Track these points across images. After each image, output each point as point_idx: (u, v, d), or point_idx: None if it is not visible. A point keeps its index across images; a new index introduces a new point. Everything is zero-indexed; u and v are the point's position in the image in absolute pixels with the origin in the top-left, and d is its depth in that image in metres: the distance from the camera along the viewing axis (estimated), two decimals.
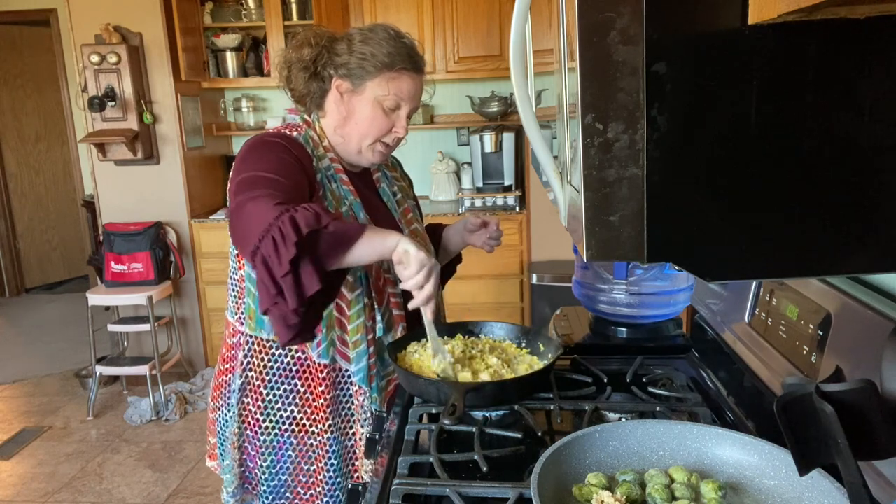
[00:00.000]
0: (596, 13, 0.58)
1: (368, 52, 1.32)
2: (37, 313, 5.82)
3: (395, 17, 3.99)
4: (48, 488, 3.14)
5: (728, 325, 1.34)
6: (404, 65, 1.34)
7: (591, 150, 0.60)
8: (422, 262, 1.15)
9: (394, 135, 1.39)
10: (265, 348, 1.41)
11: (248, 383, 1.42)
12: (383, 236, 1.18)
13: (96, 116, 3.87)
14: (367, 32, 1.35)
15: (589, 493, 0.86)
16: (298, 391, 1.40)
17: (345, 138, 1.38)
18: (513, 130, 4.05)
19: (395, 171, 1.59)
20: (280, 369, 1.40)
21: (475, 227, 1.60)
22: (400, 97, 1.35)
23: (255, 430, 1.43)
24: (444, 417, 1.12)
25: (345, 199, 1.37)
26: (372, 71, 1.33)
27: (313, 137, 1.39)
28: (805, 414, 0.64)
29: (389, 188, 1.51)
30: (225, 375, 1.48)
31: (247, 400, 1.43)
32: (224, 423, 1.47)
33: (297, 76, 1.38)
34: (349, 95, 1.36)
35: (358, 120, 1.36)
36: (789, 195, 0.59)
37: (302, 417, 1.40)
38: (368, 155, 1.39)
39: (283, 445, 1.42)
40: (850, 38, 0.55)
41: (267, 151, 1.30)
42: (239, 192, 1.21)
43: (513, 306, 3.94)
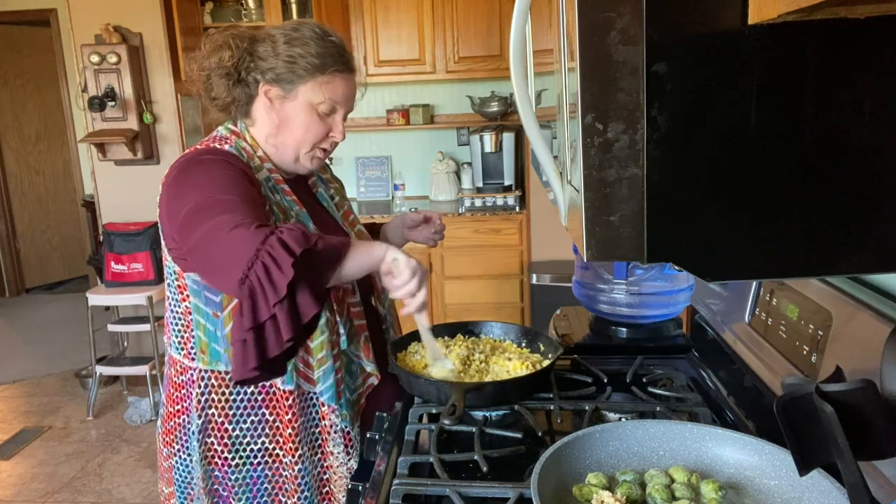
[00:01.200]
0: (596, 13, 0.58)
1: (296, 53, 1.23)
2: (37, 313, 5.82)
3: (395, 17, 3.99)
4: (48, 488, 3.14)
5: (728, 325, 1.34)
6: (336, 66, 1.26)
7: (591, 150, 0.60)
8: (413, 269, 1.11)
9: (331, 139, 1.31)
10: (224, 382, 1.29)
11: (209, 422, 1.30)
12: (369, 248, 1.13)
13: (96, 116, 3.87)
14: (292, 32, 1.26)
15: (589, 493, 0.86)
16: (267, 420, 1.30)
17: (279, 147, 1.29)
18: (513, 130, 4.05)
19: (325, 173, 1.50)
20: (244, 401, 1.29)
21: (415, 223, 1.56)
22: (335, 101, 1.27)
23: (225, 470, 1.31)
24: (444, 417, 1.12)
25: (290, 210, 1.27)
26: (303, 75, 1.24)
27: (246, 148, 1.28)
28: (805, 414, 0.64)
29: (326, 192, 1.44)
30: (177, 417, 1.34)
31: (210, 440, 1.30)
32: (185, 470, 1.34)
33: (218, 84, 1.27)
34: (280, 102, 1.26)
35: (292, 127, 1.27)
36: (789, 195, 0.59)
37: (274, 448, 1.31)
38: (306, 162, 1.31)
39: (256, 480, 1.32)
40: (850, 38, 0.55)
41: (208, 171, 1.18)
42: (196, 224, 1.10)
43: (513, 306, 3.94)
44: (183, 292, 1.29)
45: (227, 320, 1.25)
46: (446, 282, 3.92)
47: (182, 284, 1.28)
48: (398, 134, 4.43)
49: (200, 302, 1.27)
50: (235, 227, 1.05)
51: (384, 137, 4.46)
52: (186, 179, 1.19)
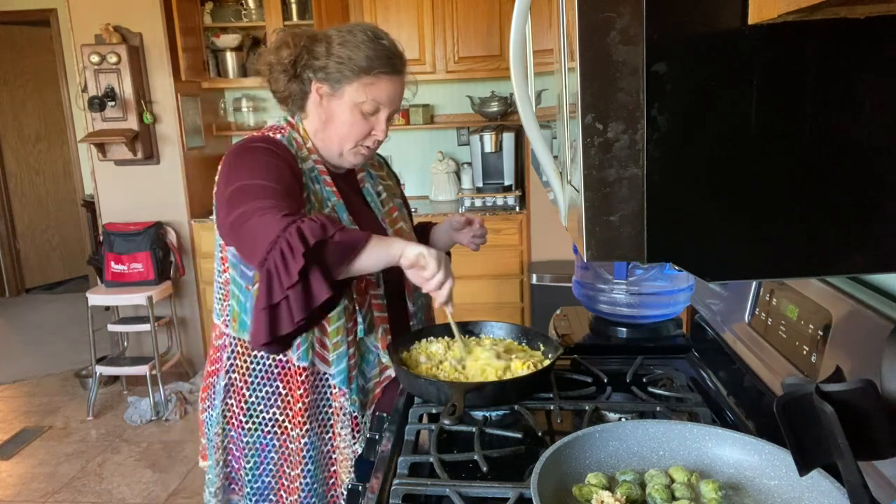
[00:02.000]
0: (596, 13, 0.58)
1: (346, 55, 1.31)
2: (37, 313, 5.82)
3: (396, 17, 3.99)
4: (48, 488, 3.14)
5: (728, 325, 1.34)
6: (382, 69, 1.33)
7: (591, 150, 0.60)
8: (439, 262, 1.18)
9: (373, 138, 1.38)
10: (248, 350, 1.41)
11: (231, 385, 1.43)
12: (388, 244, 1.20)
13: (96, 116, 3.87)
14: (346, 34, 1.34)
15: (589, 493, 0.86)
16: (280, 393, 1.40)
17: (325, 141, 1.39)
18: (513, 130, 4.05)
19: (381, 170, 1.58)
20: (262, 371, 1.40)
21: (460, 225, 1.61)
22: (378, 101, 1.35)
23: (239, 431, 1.43)
24: (444, 417, 1.12)
25: (327, 200, 1.36)
26: (349, 76, 1.32)
27: (297, 139, 1.39)
28: (805, 414, 0.64)
29: (374, 188, 1.51)
30: (211, 377, 1.48)
31: (230, 401, 1.43)
32: (210, 424, 1.48)
33: (277, 78, 1.38)
34: (328, 99, 1.35)
35: (337, 124, 1.36)
36: (789, 195, 0.59)
37: (284, 420, 1.41)
38: (350, 157, 1.40)
39: (265, 447, 1.42)
40: (850, 38, 0.55)
41: (255, 157, 1.29)
42: (237, 204, 1.21)
43: (513, 306, 3.94)
44: (224, 264, 1.41)
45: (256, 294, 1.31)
46: None
47: (224, 257, 1.40)
48: (398, 134, 4.43)
49: (237, 274, 1.39)
50: (265, 213, 1.16)
51: None
52: (236, 163, 1.30)
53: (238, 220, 1.20)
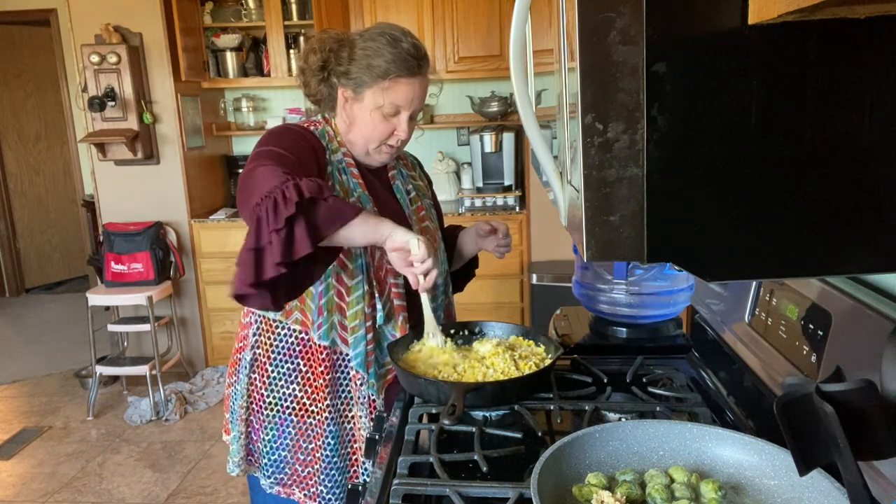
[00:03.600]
0: (596, 13, 0.58)
1: (366, 62, 1.37)
2: (37, 313, 5.82)
3: (395, 17, 3.99)
4: (48, 488, 3.14)
5: (728, 325, 1.34)
6: (399, 73, 1.37)
7: (591, 150, 0.60)
8: (426, 245, 1.23)
9: (396, 137, 1.43)
10: (272, 328, 1.47)
11: (256, 360, 1.49)
12: (378, 223, 1.25)
13: (96, 116, 3.87)
14: (368, 40, 1.38)
15: (589, 493, 0.86)
16: (301, 371, 1.45)
17: (352, 141, 1.45)
18: (513, 130, 4.05)
19: (413, 170, 1.64)
20: (284, 348, 1.46)
21: (485, 232, 1.63)
22: (397, 104, 1.39)
23: (261, 406, 1.50)
24: (443, 417, 1.12)
25: (353, 191, 1.42)
26: (368, 81, 1.37)
27: (329, 132, 1.46)
28: (805, 414, 0.64)
29: (404, 186, 1.56)
30: (239, 353, 1.55)
31: (254, 376, 1.50)
32: (235, 398, 1.54)
33: (309, 82, 1.45)
34: (351, 103, 1.41)
35: (360, 126, 1.42)
36: (789, 195, 0.59)
37: (303, 397, 1.46)
38: (376, 156, 1.46)
39: (284, 423, 1.48)
40: (850, 38, 0.55)
41: (285, 135, 1.38)
42: (250, 162, 1.30)
43: (513, 306, 3.94)
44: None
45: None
46: None
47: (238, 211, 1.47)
48: None
49: None
50: (269, 167, 1.23)
51: None
52: (268, 137, 1.39)
53: (244, 175, 1.27)
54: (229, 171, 4.55)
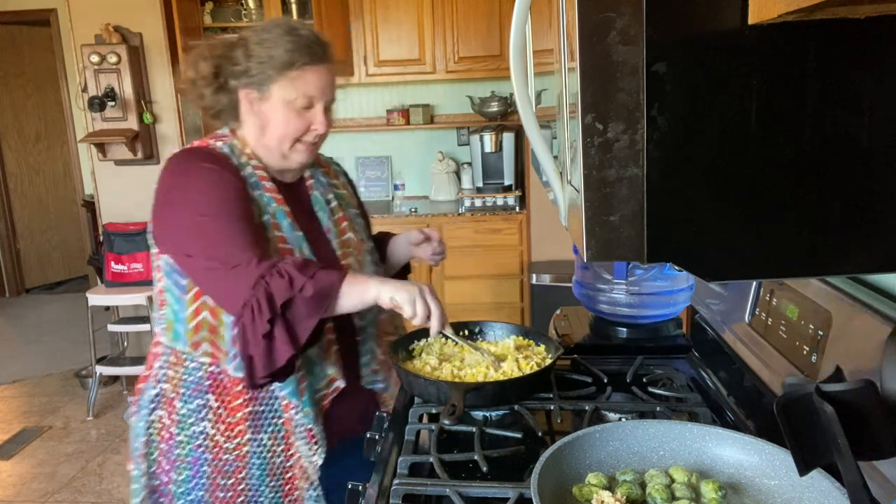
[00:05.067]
0: (596, 13, 0.58)
1: (266, 54, 1.26)
2: (37, 313, 5.82)
3: (395, 17, 3.99)
4: (48, 488, 3.14)
5: (728, 325, 1.34)
6: (305, 60, 1.27)
7: (591, 150, 0.60)
8: (412, 300, 1.18)
9: (313, 132, 1.32)
10: (180, 360, 1.33)
11: (162, 395, 1.36)
12: (362, 288, 1.19)
13: (96, 116, 3.87)
14: (263, 33, 1.28)
15: (589, 493, 0.86)
16: (211, 407, 1.32)
17: (266, 147, 1.32)
18: (513, 130, 4.05)
19: (336, 178, 1.51)
20: (193, 383, 1.33)
21: (418, 241, 1.56)
22: (309, 95, 1.28)
23: (170, 444, 1.36)
24: (444, 417, 1.12)
25: (267, 206, 1.30)
26: (273, 74, 1.27)
27: (237, 146, 1.33)
28: (805, 414, 0.64)
29: (323, 196, 1.43)
30: (142, 383, 1.40)
31: (161, 412, 1.36)
32: (135, 432, 1.40)
33: (203, 94, 1.32)
34: (258, 104, 1.30)
35: (273, 126, 1.30)
36: (789, 195, 0.59)
37: (215, 433, 1.33)
38: (294, 156, 1.33)
39: (197, 461, 1.34)
40: (850, 38, 0.55)
41: (204, 181, 1.25)
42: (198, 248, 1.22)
43: (513, 306, 3.94)
44: (159, 272, 1.35)
45: (189, 303, 1.30)
46: (446, 282, 3.92)
47: (158, 265, 1.34)
48: (398, 134, 4.43)
49: (171, 283, 1.32)
50: (235, 267, 1.17)
51: (384, 137, 4.46)
52: (183, 188, 1.27)
53: (205, 275, 1.22)
54: None
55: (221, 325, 1.28)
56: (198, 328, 1.30)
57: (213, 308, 1.27)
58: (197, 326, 1.30)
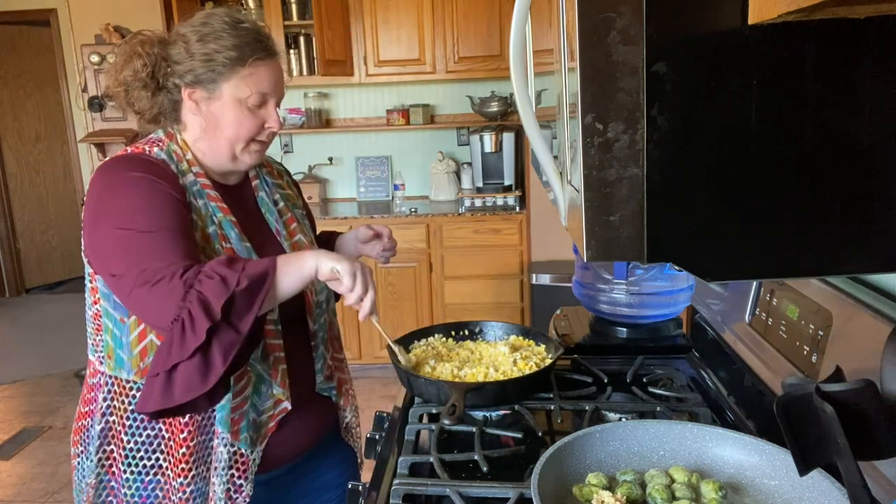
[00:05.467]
0: (596, 13, 0.58)
1: (211, 49, 1.17)
2: (37, 313, 5.82)
3: (395, 17, 3.99)
4: (48, 488, 3.14)
5: (728, 325, 1.34)
6: (256, 54, 1.18)
7: (591, 150, 0.60)
8: (353, 274, 1.09)
9: (267, 130, 1.24)
10: (125, 390, 1.22)
11: (110, 429, 1.25)
12: (298, 263, 1.10)
13: (96, 116, 3.87)
14: (202, 28, 1.18)
15: (589, 493, 0.86)
16: (163, 437, 1.21)
17: (213, 148, 1.23)
18: (513, 130, 4.05)
19: (280, 178, 1.43)
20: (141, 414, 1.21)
21: (367, 237, 1.48)
22: (263, 91, 1.20)
23: (119, 481, 1.25)
24: (444, 417, 1.12)
25: (213, 216, 1.21)
26: (223, 71, 1.17)
27: (176, 151, 1.22)
28: (805, 414, 0.64)
29: (269, 197, 1.35)
30: (84, 419, 1.29)
31: (110, 447, 1.25)
32: (82, 473, 1.29)
33: (139, 96, 1.21)
34: (206, 103, 1.20)
35: (223, 126, 1.20)
36: (789, 195, 0.59)
37: (167, 467, 1.21)
38: (245, 158, 1.24)
39: (146, 499, 1.23)
40: (850, 38, 0.55)
41: (135, 192, 1.14)
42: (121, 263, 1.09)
43: (513, 306, 3.94)
44: (94, 294, 1.23)
45: (133, 326, 1.19)
46: (446, 282, 3.92)
47: (94, 287, 1.23)
48: (398, 134, 4.43)
49: (109, 306, 1.21)
50: (158, 282, 1.05)
51: (384, 137, 4.46)
52: (110, 201, 1.15)
53: (129, 293, 1.08)
54: None
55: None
56: (143, 353, 1.19)
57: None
58: (142, 352, 1.19)
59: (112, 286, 1.14)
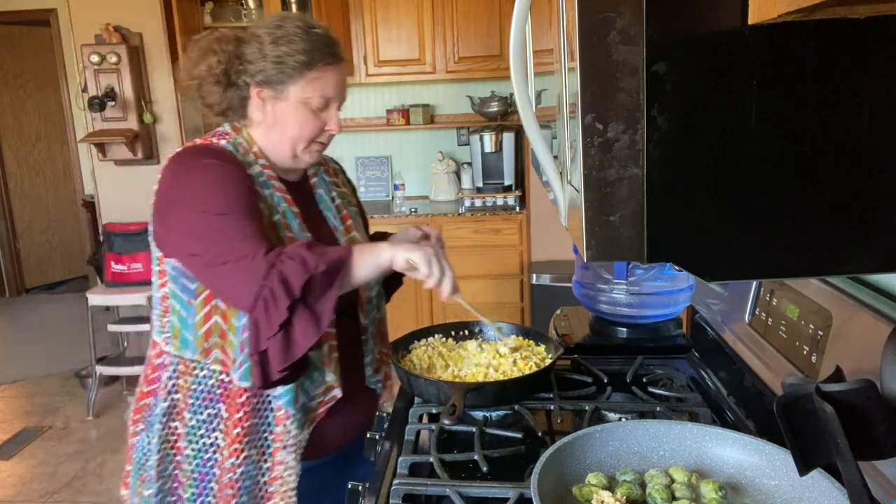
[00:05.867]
0: (596, 13, 0.58)
1: (283, 52, 1.22)
2: (37, 313, 5.82)
3: (395, 17, 3.99)
4: (48, 488, 3.14)
5: (728, 325, 1.34)
6: (325, 60, 1.25)
7: (591, 150, 0.60)
8: (428, 260, 1.17)
9: (327, 133, 1.30)
10: (189, 369, 1.28)
11: (174, 406, 1.30)
12: (374, 253, 1.18)
13: (96, 116, 3.87)
14: (276, 30, 1.24)
15: (589, 493, 0.86)
16: (221, 416, 1.27)
17: (276, 145, 1.29)
18: (513, 130, 4.05)
19: (336, 176, 1.49)
20: (204, 392, 1.28)
21: (416, 238, 1.48)
22: (327, 95, 1.26)
23: (182, 456, 1.30)
24: (444, 417, 1.12)
25: (277, 206, 1.27)
26: (292, 74, 1.23)
27: (242, 144, 1.29)
28: (805, 414, 0.64)
29: (327, 194, 1.41)
30: (147, 398, 1.34)
31: (174, 424, 1.30)
32: (143, 450, 1.33)
33: (210, 91, 1.27)
34: (272, 102, 1.26)
35: (287, 126, 1.27)
36: (789, 195, 0.59)
37: (224, 446, 1.27)
38: (305, 157, 1.30)
39: (204, 477, 1.29)
40: (850, 38, 0.55)
41: (207, 179, 1.20)
42: (201, 239, 1.17)
43: (513, 306, 3.94)
44: (163, 277, 1.30)
45: (199, 308, 1.25)
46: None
47: (162, 270, 1.29)
48: (398, 134, 4.43)
49: (177, 288, 1.27)
50: (240, 259, 1.13)
51: (384, 137, 4.46)
52: (184, 187, 1.22)
53: (212, 265, 1.16)
54: None
55: (231, 329, 1.23)
56: (208, 334, 1.25)
57: (224, 312, 1.23)
58: (207, 333, 1.25)
59: (191, 266, 1.22)
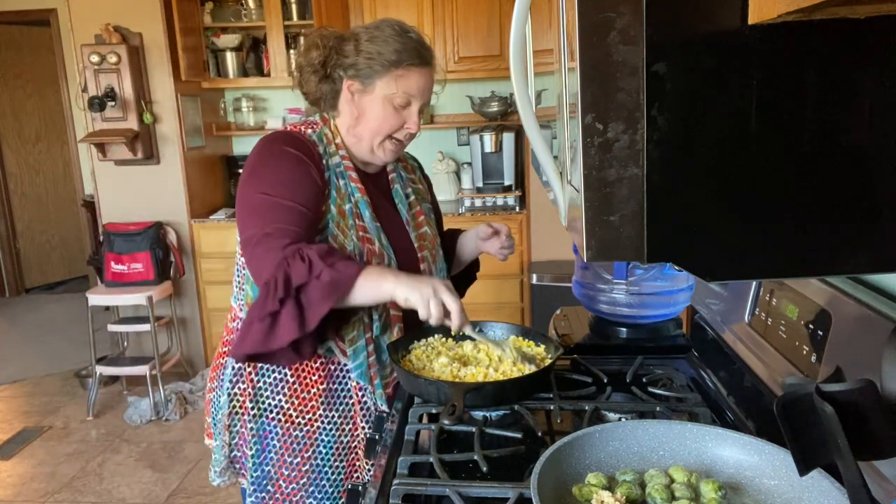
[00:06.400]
0: (596, 13, 0.58)
1: (375, 50, 1.34)
2: (37, 313, 5.82)
3: (395, 17, 3.97)
4: (48, 488, 3.14)
5: (728, 325, 1.34)
6: (412, 60, 1.35)
7: (591, 150, 0.60)
8: (426, 301, 1.20)
9: (406, 131, 1.39)
10: None
11: (241, 368, 1.43)
12: (378, 282, 1.22)
13: (96, 116, 3.87)
14: (374, 31, 1.37)
15: (589, 493, 0.86)
16: (288, 381, 1.40)
17: (357, 138, 1.39)
18: (513, 130, 4.05)
19: (413, 173, 1.59)
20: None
21: (487, 235, 1.60)
22: (409, 94, 1.36)
23: (245, 417, 1.44)
24: (443, 417, 1.12)
25: (351, 195, 1.38)
26: (379, 70, 1.34)
27: (327, 134, 1.40)
28: (805, 414, 0.64)
29: (403, 189, 1.51)
30: (222, 358, 1.50)
31: (242, 385, 1.44)
32: (217, 404, 1.49)
33: (308, 79, 1.39)
34: (359, 95, 1.37)
35: (369, 119, 1.37)
36: (789, 195, 0.59)
37: (289, 408, 1.40)
38: (380, 153, 1.40)
39: (268, 435, 1.42)
40: (850, 38, 0.55)
41: (281, 165, 1.32)
42: (252, 222, 1.28)
43: (513, 306, 3.94)
44: (239, 248, 1.39)
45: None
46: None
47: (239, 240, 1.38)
48: None
49: None
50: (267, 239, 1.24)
51: None
52: (263, 166, 1.33)
53: (249, 241, 1.27)
54: (229, 172, 4.55)
55: None
56: None
57: None
58: None
59: (241, 241, 1.31)
